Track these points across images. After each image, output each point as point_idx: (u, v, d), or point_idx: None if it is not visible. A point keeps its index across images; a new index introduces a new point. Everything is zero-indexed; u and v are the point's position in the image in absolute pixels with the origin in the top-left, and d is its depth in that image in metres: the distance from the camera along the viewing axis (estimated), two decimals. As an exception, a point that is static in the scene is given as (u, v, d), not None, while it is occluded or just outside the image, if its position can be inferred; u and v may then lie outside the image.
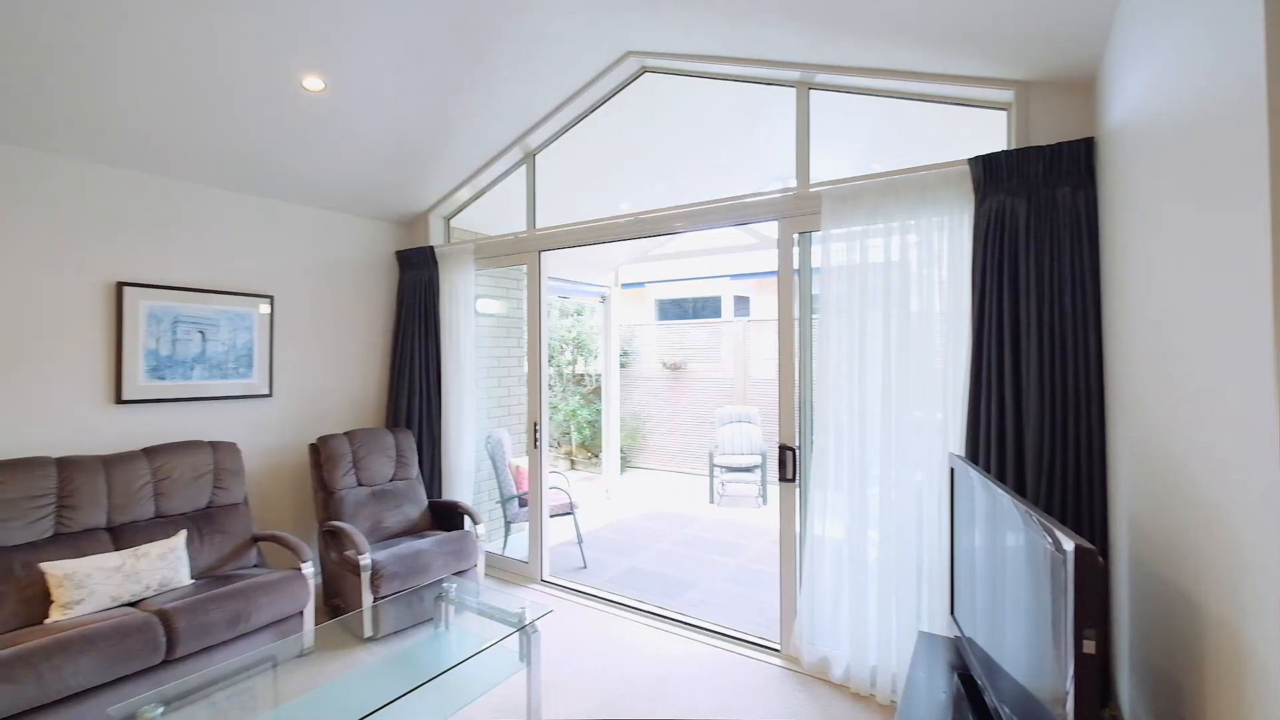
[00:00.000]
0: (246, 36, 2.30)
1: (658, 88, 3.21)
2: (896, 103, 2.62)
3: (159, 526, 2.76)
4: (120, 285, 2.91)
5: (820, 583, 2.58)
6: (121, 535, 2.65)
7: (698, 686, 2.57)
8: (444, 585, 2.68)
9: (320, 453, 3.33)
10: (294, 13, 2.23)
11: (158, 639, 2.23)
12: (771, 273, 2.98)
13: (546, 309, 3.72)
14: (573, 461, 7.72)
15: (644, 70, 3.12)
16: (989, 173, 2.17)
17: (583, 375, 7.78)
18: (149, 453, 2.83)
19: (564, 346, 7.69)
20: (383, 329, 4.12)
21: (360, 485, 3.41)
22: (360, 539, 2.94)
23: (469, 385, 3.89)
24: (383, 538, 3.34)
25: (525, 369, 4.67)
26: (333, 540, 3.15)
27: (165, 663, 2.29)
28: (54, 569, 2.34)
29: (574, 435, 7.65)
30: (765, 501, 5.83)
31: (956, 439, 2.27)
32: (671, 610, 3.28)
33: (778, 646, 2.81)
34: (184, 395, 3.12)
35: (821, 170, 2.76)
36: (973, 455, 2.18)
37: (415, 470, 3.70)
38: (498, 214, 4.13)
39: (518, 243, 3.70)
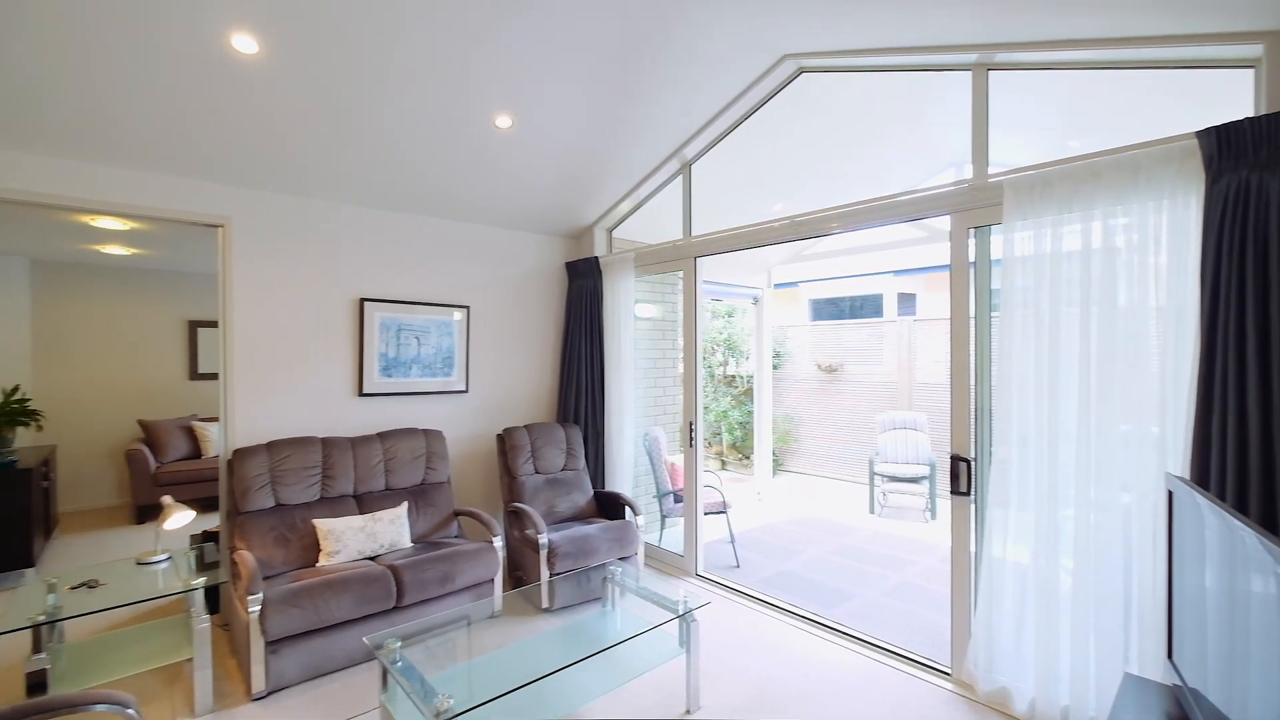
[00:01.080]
0: (456, 87, 2.74)
1: (813, 86, 3.17)
2: (1090, 77, 2.31)
3: (388, 497, 3.38)
4: (362, 300, 3.61)
5: (1000, 609, 2.37)
6: (363, 502, 3.30)
7: (857, 697, 2.51)
8: (610, 568, 2.93)
9: (505, 442, 3.81)
10: (492, 63, 2.61)
11: (391, 588, 2.76)
12: (942, 267, 2.78)
13: (701, 312, 3.85)
14: (723, 462, 7.79)
15: (800, 71, 3.10)
16: (1226, 146, 1.83)
17: (734, 376, 7.81)
18: (381, 437, 3.48)
19: (715, 348, 7.79)
20: (554, 333, 4.57)
21: (537, 473, 3.83)
22: (539, 520, 3.32)
23: (628, 385, 4.17)
24: (555, 521, 3.72)
25: (679, 370, 4.87)
26: (515, 519, 3.59)
27: (395, 608, 2.81)
28: (322, 524, 3.01)
29: (725, 436, 7.71)
30: (934, 516, 5.38)
31: (1177, 458, 1.95)
32: (827, 618, 3.21)
33: (948, 670, 2.63)
34: (405, 390, 3.78)
35: (1001, 157, 2.52)
36: (1200, 478, 1.86)
37: (582, 462, 4.06)
38: (655, 222, 4.36)
39: (675, 250, 3.88)
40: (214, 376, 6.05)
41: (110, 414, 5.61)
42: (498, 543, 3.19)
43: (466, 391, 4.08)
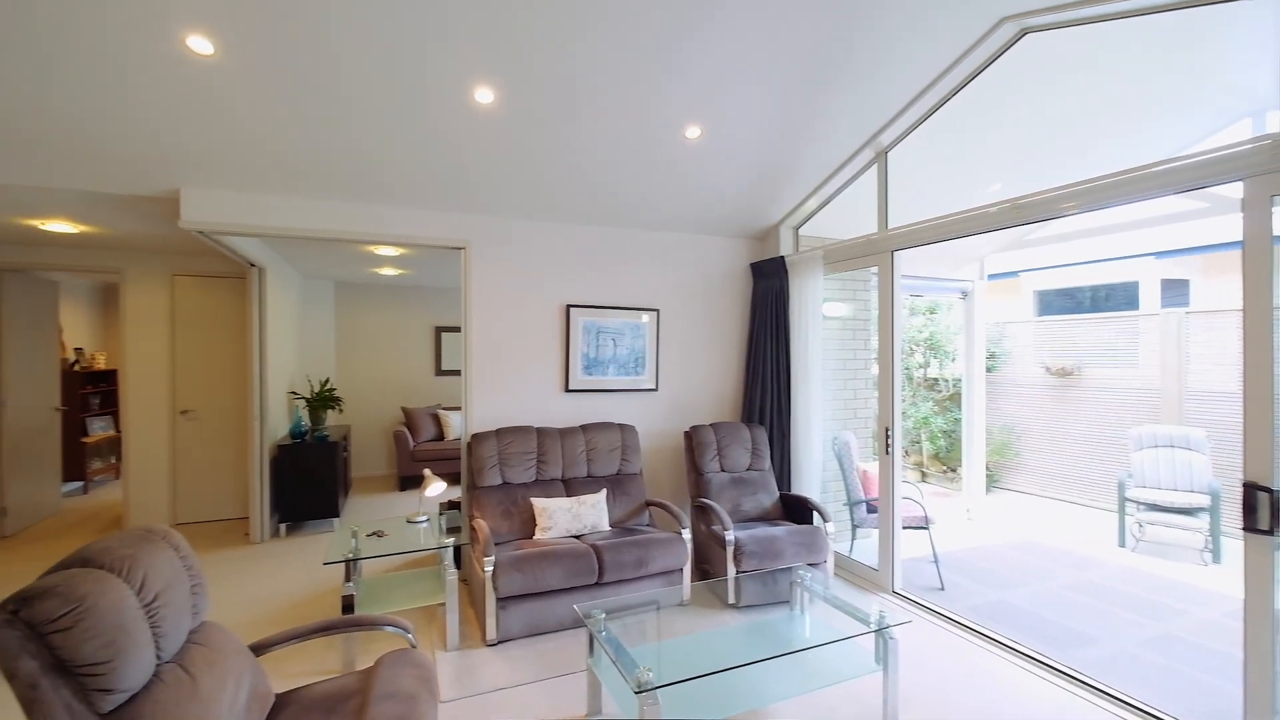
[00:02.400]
0: (648, 108, 2.94)
1: (1038, 47, 2.76)
2: None
3: (589, 484, 3.74)
4: (567, 307, 4.05)
5: (1324, 683, 1.83)
6: (569, 486, 3.70)
7: (1100, 760, 2.14)
8: (798, 572, 2.89)
9: (692, 439, 3.96)
10: (682, 79, 2.76)
11: (593, 565, 3.06)
12: (1231, 245, 2.23)
13: (899, 310, 3.58)
14: (923, 473, 7.09)
15: (1023, 33, 2.73)
16: None
17: (937, 379, 7.06)
18: (583, 429, 3.86)
19: (914, 348, 7.13)
20: (738, 333, 4.62)
21: (723, 471, 3.92)
22: (725, 517, 3.40)
23: (816, 386, 4.04)
24: (740, 519, 3.77)
25: (873, 372, 4.57)
26: (701, 514, 3.71)
27: (595, 584, 3.11)
28: (537, 503, 3.45)
29: (925, 445, 7.02)
30: (1217, 558, 4.28)
31: None
32: (1059, 661, 2.76)
33: (1238, 751, 2.10)
34: (602, 388, 4.15)
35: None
36: None
37: (768, 463, 4.05)
38: (844, 217, 4.16)
39: (869, 244, 3.67)
40: (453, 373, 7.27)
41: (382, 401, 7.05)
42: (686, 534, 3.34)
43: (656, 390, 4.33)
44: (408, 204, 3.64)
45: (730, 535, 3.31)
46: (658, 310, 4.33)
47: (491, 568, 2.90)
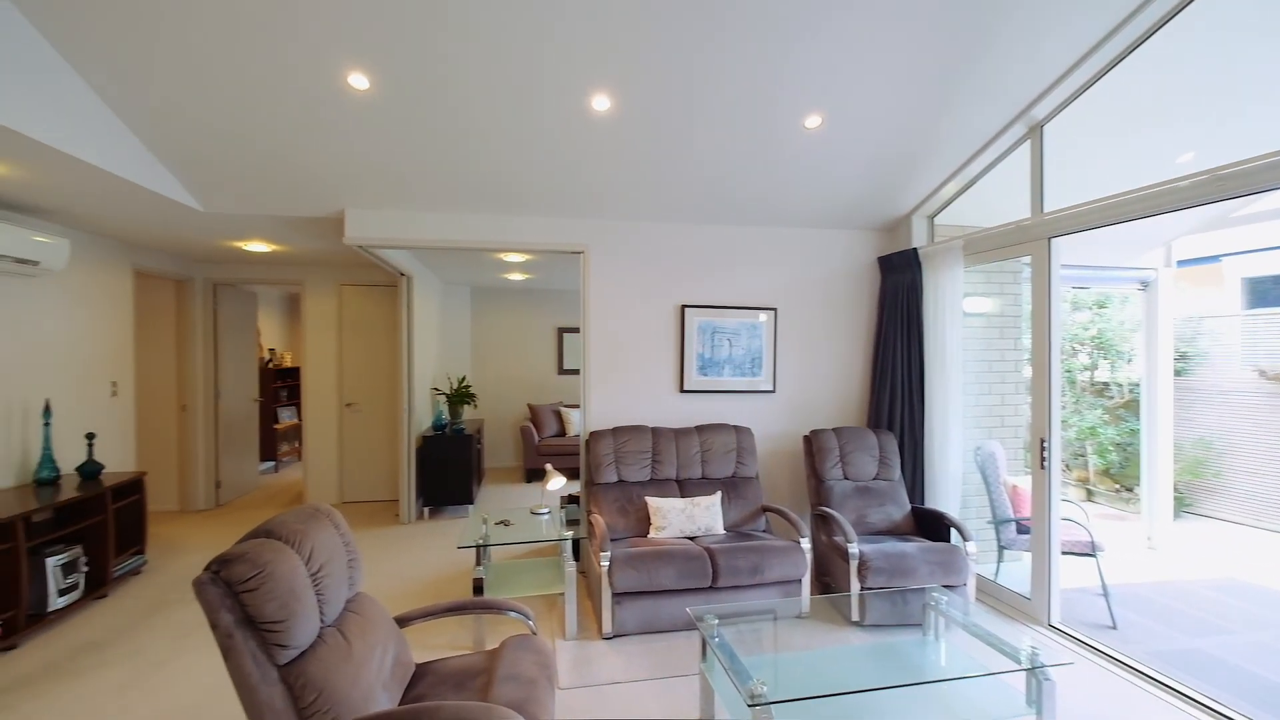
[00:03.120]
0: (764, 102, 2.84)
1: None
2: None
3: (703, 485, 3.71)
4: (682, 307, 4.05)
5: None
6: (683, 487, 3.69)
7: None
8: (933, 594, 2.64)
9: (812, 444, 3.78)
10: (802, 67, 2.63)
11: (707, 568, 3.02)
12: None
13: (1058, 304, 3.14)
14: (1089, 491, 6.18)
15: (1232, -33, 2.26)
16: None
17: (1106, 384, 6.12)
18: (698, 430, 3.83)
19: (1077, 348, 6.24)
20: (864, 332, 4.33)
21: (846, 479, 3.69)
22: (848, 528, 3.20)
23: (954, 390, 3.67)
24: (865, 532, 3.52)
25: (1025, 374, 4.06)
26: (822, 524, 3.53)
27: (710, 588, 3.07)
28: (652, 502, 3.48)
29: (1092, 459, 6.11)
30: None
31: None
32: (1280, 732, 2.26)
33: None
34: (718, 389, 4.09)
35: None
36: None
37: (897, 473, 3.75)
38: (986, 205, 3.73)
39: (1020, 231, 3.25)
40: (574, 372, 7.59)
41: (511, 398, 7.55)
42: (805, 544, 3.19)
43: (773, 391, 4.18)
44: (532, 212, 3.85)
45: (854, 548, 3.10)
46: (775, 309, 4.19)
47: (608, 563, 2.97)
